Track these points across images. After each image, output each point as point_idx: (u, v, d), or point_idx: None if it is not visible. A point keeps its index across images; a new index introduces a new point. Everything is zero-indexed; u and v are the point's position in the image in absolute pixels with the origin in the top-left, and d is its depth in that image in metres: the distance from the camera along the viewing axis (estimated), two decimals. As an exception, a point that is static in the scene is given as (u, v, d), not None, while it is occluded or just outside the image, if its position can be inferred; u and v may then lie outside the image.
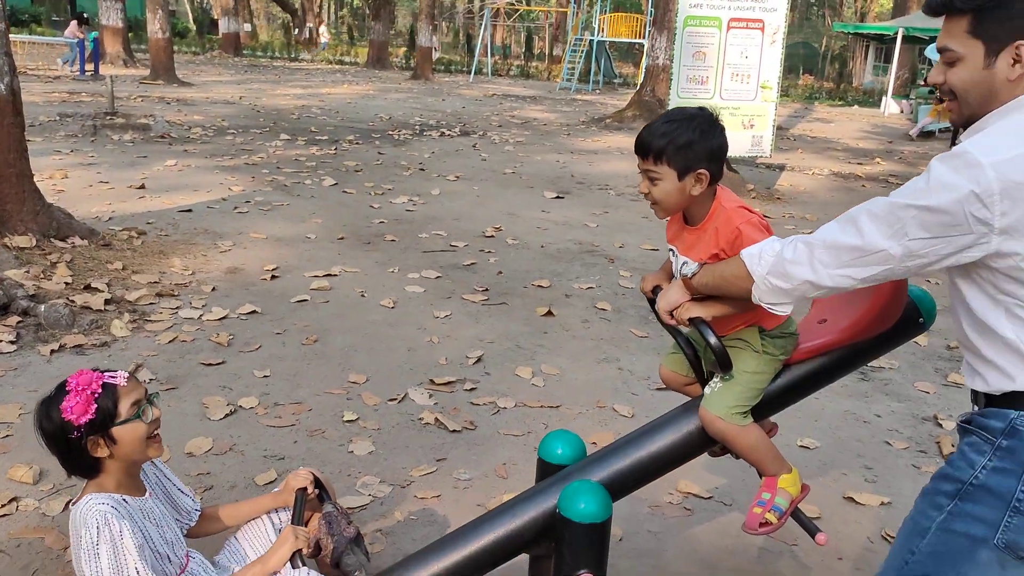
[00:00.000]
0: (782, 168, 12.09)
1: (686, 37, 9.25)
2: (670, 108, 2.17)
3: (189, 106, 15.09)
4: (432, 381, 4.19)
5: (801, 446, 3.74)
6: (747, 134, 9.68)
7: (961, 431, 1.74)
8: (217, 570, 2.21)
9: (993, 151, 1.45)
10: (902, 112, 24.37)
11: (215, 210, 7.43)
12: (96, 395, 1.95)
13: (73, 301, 4.79)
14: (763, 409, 2.14)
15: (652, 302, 2.16)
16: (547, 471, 2.28)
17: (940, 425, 4.06)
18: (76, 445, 1.95)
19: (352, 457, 3.43)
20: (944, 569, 1.67)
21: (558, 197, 9.06)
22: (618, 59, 35.66)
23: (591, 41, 27.45)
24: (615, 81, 31.33)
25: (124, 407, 1.98)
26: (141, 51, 27.81)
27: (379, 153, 11.20)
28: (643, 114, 16.68)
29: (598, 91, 27.64)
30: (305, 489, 2.26)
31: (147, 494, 2.09)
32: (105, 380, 1.98)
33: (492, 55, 34.24)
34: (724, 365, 2.02)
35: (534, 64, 37.58)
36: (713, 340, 1.96)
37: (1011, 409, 1.61)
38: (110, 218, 6.85)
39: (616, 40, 28.84)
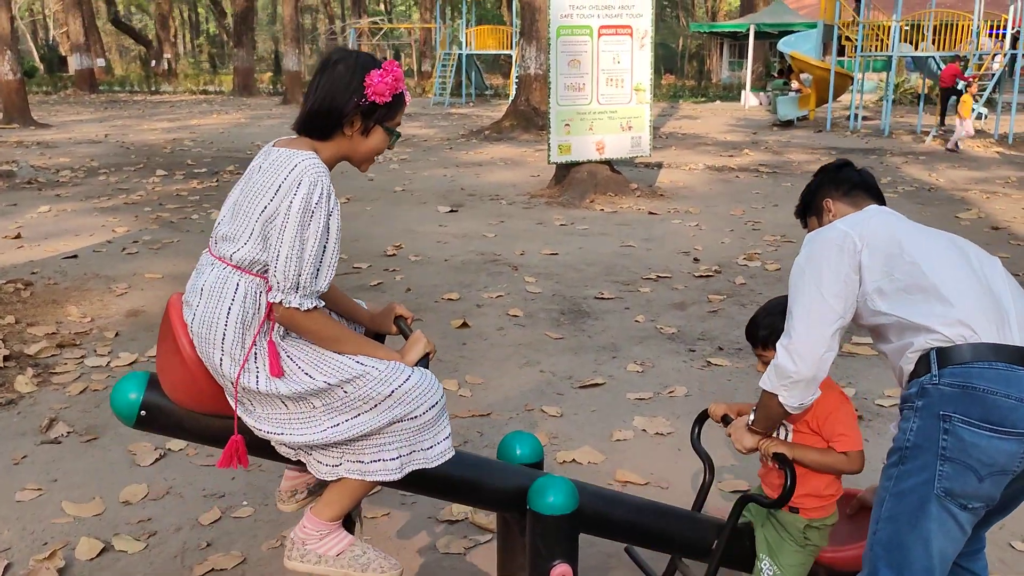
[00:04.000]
0: (660, 166, 12.57)
1: (560, 47, 9.50)
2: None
3: (52, 148, 14.43)
4: (361, 403, 4.20)
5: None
6: (627, 136, 10.04)
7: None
8: None
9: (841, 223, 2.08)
10: (760, 104, 25.68)
11: (102, 253, 7.17)
12: (397, 91, 1.97)
13: (-32, 361, 4.56)
14: None
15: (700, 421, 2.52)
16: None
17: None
18: (342, 107, 1.93)
19: (295, 486, 3.41)
20: (903, 529, 1.89)
21: (452, 210, 9.16)
22: (485, 70, 36.05)
23: (460, 55, 27.71)
24: (487, 93, 31.73)
25: (397, 119, 2.02)
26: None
27: (263, 181, 11.01)
28: (520, 123, 16.92)
29: (472, 104, 27.91)
30: (404, 317, 2.29)
31: None
32: (404, 89, 2.00)
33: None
34: (784, 500, 2.17)
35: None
36: (789, 478, 2.14)
37: (919, 377, 1.91)
38: (-10, 271, 6.52)
39: (483, 53, 29.19)
